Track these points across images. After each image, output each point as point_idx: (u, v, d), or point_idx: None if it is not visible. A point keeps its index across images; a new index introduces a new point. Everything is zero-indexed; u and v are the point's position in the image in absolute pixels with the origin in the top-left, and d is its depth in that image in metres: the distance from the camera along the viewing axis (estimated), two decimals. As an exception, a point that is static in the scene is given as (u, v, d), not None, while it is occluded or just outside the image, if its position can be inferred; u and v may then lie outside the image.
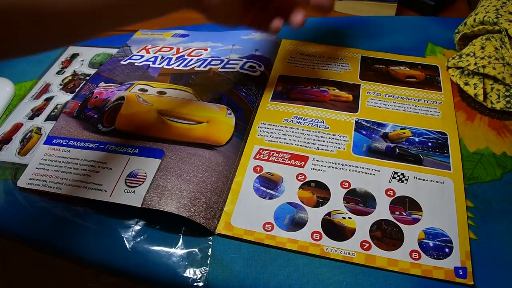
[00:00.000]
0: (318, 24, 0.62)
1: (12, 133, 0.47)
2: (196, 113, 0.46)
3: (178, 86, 0.50)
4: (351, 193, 0.39)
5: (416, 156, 0.42)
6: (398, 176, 0.40)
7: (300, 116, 0.46)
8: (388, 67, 0.53)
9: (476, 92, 0.47)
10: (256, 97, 0.49)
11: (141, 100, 0.47)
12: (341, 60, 0.54)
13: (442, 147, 0.43)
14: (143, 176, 0.40)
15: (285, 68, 0.53)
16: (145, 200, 0.38)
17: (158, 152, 0.42)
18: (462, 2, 0.76)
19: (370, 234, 0.36)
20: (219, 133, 0.44)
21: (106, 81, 0.51)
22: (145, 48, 0.57)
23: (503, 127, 0.45)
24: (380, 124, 0.45)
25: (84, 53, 0.58)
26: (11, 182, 0.42)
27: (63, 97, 0.51)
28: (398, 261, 0.34)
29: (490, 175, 0.41)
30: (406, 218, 0.37)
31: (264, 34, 0.57)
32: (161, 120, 0.45)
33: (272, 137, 0.44)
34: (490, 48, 0.47)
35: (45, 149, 0.43)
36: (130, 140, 0.43)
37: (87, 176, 0.40)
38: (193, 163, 0.41)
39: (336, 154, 0.42)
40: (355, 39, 0.58)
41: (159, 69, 0.53)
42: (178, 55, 0.55)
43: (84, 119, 0.47)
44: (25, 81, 0.55)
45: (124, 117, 0.45)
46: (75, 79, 0.54)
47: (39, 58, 0.58)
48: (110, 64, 0.54)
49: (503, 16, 0.47)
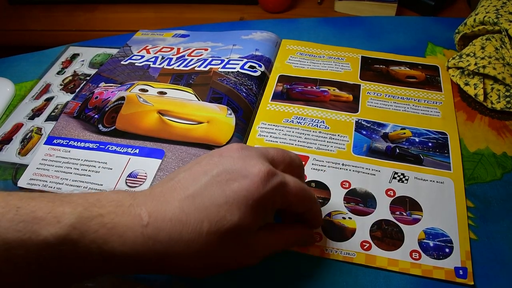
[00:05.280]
0: (318, 24, 0.62)
1: (13, 133, 0.47)
2: (197, 113, 0.46)
3: (178, 86, 0.50)
4: (351, 193, 0.39)
5: (416, 156, 0.42)
6: (398, 176, 0.40)
7: (300, 116, 0.46)
8: (388, 67, 0.53)
9: (476, 92, 0.47)
10: (256, 97, 0.49)
11: (142, 100, 0.47)
12: (341, 60, 0.54)
13: (442, 147, 0.43)
14: (144, 176, 0.40)
15: (285, 68, 0.53)
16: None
17: (158, 152, 0.42)
18: (462, 2, 0.76)
19: (370, 234, 0.36)
20: (219, 133, 0.44)
21: (107, 81, 0.51)
22: (145, 48, 0.57)
23: (503, 127, 0.45)
24: (380, 124, 0.45)
25: (84, 53, 0.58)
26: (11, 182, 0.42)
27: (64, 97, 0.51)
28: (398, 261, 0.34)
29: (490, 175, 0.41)
30: (406, 218, 0.37)
31: (265, 34, 0.57)
32: (161, 120, 0.45)
33: (272, 137, 0.44)
34: (490, 48, 0.47)
35: (46, 149, 0.43)
36: (130, 140, 0.43)
37: (87, 176, 0.40)
38: (193, 163, 0.41)
39: (336, 154, 0.42)
40: (355, 39, 0.58)
41: (159, 69, 0.53)
42: (178, 55, 0.55)
43: (85, 120, 0.47)
44: (25, 81, 0.55)
45: (124, 117, 0.45)
46: (76, 79, 0.54)
47: (39, 58, 0.58)
48: (111, 64, 0.54)
49: (503, 16, 0.47)
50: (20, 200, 0.25)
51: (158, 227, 0.26)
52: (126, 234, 0.26)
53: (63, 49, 0.60)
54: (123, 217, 0.26)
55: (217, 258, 0.28)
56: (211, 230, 0.27)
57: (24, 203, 0.25)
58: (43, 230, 0.24)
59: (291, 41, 0.57)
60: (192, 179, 0.28)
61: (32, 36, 1.06)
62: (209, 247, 0.27)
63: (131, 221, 0.26)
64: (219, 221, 0.27)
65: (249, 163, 0.29)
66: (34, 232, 0.24)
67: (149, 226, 0.26)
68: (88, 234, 0.25)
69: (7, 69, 0.57)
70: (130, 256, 0.26)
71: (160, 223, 0.26)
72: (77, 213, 0.25)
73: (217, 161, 0.29)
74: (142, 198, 0.28)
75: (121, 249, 0.26)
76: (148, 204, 0.27)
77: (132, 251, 0.26)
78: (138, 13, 1.07)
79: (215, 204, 0.27)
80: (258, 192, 0.28)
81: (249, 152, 0.30)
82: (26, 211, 0.24)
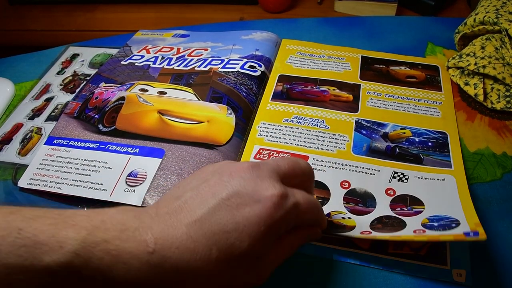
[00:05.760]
0: (318, 24, 0.62)
1: (12, 134, 0.47)
2: (197, 113, 0.46)
3: (178, 86, 0.50)
4: (351, 193, 0.39)
5: (416, 155, 0.42)
6: (398, 175, 0.40)
7: (300, 116, 0.46)
8: (389, 67, 0.53)
9: (476, 92, 0.47)
10: (256, 96, 0.49)
11: (142, 100, 0.47)
12: (342, 60, 0.54)
13: (443, 147, 0.43)
14: (144, 175, 0.40)
15: (285, 68, 0.53)
16: (146, 199, 0.38)
17: (158, 152, 0.42)
18: (462, 2, 0.76)
19: (370, 227, 0.35)
20: (219, 132, 0.44)
21: (107, 81, 0.51)
22: (145, 48, 0.57)
23: (503, 127, 0.45)
24: (380, 124, 0.45)
25: (84, 53, 0.58)
26: (11, 182, 0.42)
27: (63, 98, 0.51)
28: (401, 236, 0.33)
29: (490, 175, 0.41)
30: (407, 212, 0.36)
31: (265, 34, 0.57)
32: (161, 120, 0.45)
33: (272, 137, 0.44)
34: (490, 48, 0.47)
35: (46, 150, 0.43)
36: (130, 139, 0.43)
37: (87, 176, 0.40)
38: (193, 163, 0.41)
39: (336, 153, 0.42)
40: (355, 39, 0.58)
41: (159, 69, 0.53)
42: (178, 55, 0.55)
43: (85, 120, 0.47)
44: (25, 82, 0.55)
45: (124, 117, 0.45)
46: (75, 80, 0.54)
47: (39, 58, 0.58)
48: (111, 64, 0.54)
49: (503, 16, 0.47)
50: (22, 221, 0.24)
51: (165, 255, 0.25)
52: (130, 262, 0.25)
53: (63, 49, 0.60)
54: (128, 243, 0.25)
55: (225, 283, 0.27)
56: (220, 257, 0.26)
57: (26, 224, 0.24)
58: (45, 256, 0.23)
59: (291, 41, 0.57)
60: (200, 201, 0.27)
61: (32, 36, 1.06)
62: (218, 274, 0.26)
63: (136, 248, 0.25)
64: (229, 248, 0.26)
65: (261, 186, 0.28)
66: (36, 257, 0.23)
67: (155, 254, 0.25)
68: (92, 261, 0.24)
69: (7, 69, 0.57)
70: (134, 284, 0.25)
71: (167, 251, 0.25)
72: (80, 238, 0.24)
73: (226, 182, 0.28)
74: (148, 221, 0.27)
75: (125, 277, 0.25)
76: (154, 229, 0.26)
77: (136, 279, 0.25)
78: (138, 13, 1.07)
79: (224, 230, 0.26)
80: (271, 218, 0.27)
81: (260, 172, 0.29)
82: (28, 235, 0.23)
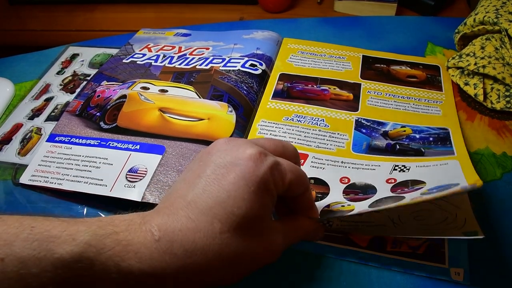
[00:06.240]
0: (318, 24, 0.62)
1: (12, 134, 0.47)
2: (197, 110, 0.46)
3: (179, 84, 0.50)
4: (351, 187, 0.38)
5: (417, 150, 0.41)
6: (399, 167, 0.39)
7: (301, 114, 0.46)
8: (389, 67, 0.53)
9: (476, 92, 0.47)
10: (257, 95, 0.49)
11: (143, 98, 0.47)
12: (342, 59, 0.54)
13: (444, 140, 0.42)
14: (144, 171, 0.40)
15: (286, 66, 0.53)
16: (145, 195, 0.38)
17: (159, 148, 0.42)
18: (462, 2, 0.76)
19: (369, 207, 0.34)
20: (219, 130, 0.44)
21: (109, 80, 0.51)
22: (147, 46, 0.57)
23: (503, 127, 0.46)
24: (380, 122, 0.45)
25: (84, 53, 0.58)
26: (11, 182, 0.42)
27: (63, 97, 0.51)
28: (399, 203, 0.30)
29: (490, 175, 0.41)
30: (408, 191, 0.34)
31: (266, 33, 0.57)
32: (162, 117, 0.45)
33: (272, 135, 0.44)
34: (490, 48, 0.48)
35: (48, 147, 0.43)
36: (131, 136, 0.43)
37: (88, 172, 0.40)
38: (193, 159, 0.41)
39: (336, 152, 0.42)
40: (355, 39, 0.59)
41: (161, 68, 0.53)
42: (180, 53, 0.55)
43: (87, 117, 0.47)
44: (25, 81, 0.55)
45: (126, 115, 0.45)
46: (75, 79, 0.54)
47: (39, 58, 0.58)
48: (113, 63, 0.54)
49: (503, 16, 0.47)
50: (34, 221, 0.25)
51: (170, 239, 0.26)
52: (141, 251, 0.25)
53: (63, 49, 0.60)
54: (136, 234, 0.26)
55: (237, 257, 0.27)
56: (224, 229, 0.26)
57: (39, 223, 0.25)
58: (58, 248, 0.23)
59: (292, 40, 0.58)
60: (189, 186, 0.28)
61: (32, 36, 1.06)
62: (227, 247, 0.26)
63: (143, 237, 0.26)
64: (229, 217, 0.26)
65: (238, 150, 0.28)
66: (49, 250, 0.23)
67: (161, 240, 0.26)
68: (104, 251, 0.24)
69: (7, 69, 0.57)
70: (149, 274, 0.25)
71: (171, 235, 0.26)
72: (91, 231, 0.25)
73: (206, 161, 0.29)
74: (150, 216, 0.27)
75: (138, 266, 0.25)
76: (156, 220, 0.27)
77: (150, 268, 0.25)
78: (138, 13, 1.07)
79: (218, 202, 0.27)
80: (256, 175, 0.27)
81: (236, 142, 0.30)
82: (40, 230, 0.24)
